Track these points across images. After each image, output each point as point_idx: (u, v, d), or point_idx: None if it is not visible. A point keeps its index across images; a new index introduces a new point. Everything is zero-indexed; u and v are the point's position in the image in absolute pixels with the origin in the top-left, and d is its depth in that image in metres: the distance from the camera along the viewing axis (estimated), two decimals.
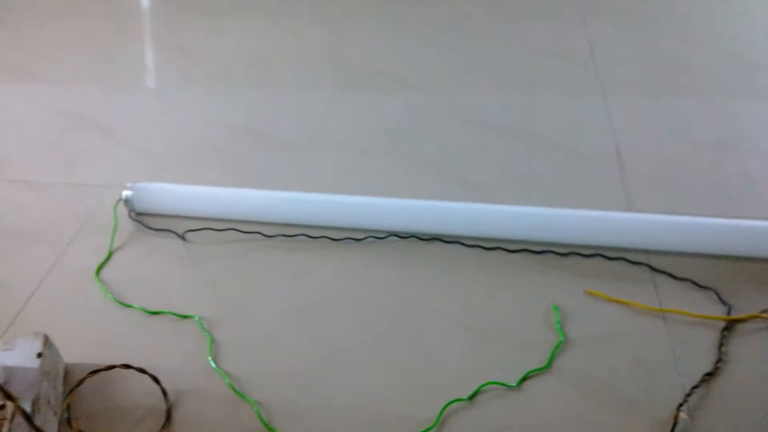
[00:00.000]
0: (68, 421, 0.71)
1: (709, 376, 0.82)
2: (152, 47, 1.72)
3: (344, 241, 1.06)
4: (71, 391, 0.76)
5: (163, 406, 0.80)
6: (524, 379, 0.83)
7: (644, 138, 1.27)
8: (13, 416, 0.69)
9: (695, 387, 0.80)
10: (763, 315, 0.90)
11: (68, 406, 0.73)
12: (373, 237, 1.06)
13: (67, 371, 0.84)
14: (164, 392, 0.81)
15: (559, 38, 1.63)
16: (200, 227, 1.07)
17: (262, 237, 1.06)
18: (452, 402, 0.80)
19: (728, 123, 1.31)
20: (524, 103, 1.39)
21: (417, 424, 0.78)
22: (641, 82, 1.45)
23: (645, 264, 0.99)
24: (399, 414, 0.79)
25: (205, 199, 1.10)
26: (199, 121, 1.37)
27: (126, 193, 1.09)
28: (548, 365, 0.85)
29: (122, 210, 1.10)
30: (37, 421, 0.69)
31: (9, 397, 0.65)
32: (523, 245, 1.03)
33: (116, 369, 0.81)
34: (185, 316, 0.92)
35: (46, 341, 0.80)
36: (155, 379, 0.81)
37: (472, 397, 0.81)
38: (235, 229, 1.07)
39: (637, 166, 1.20)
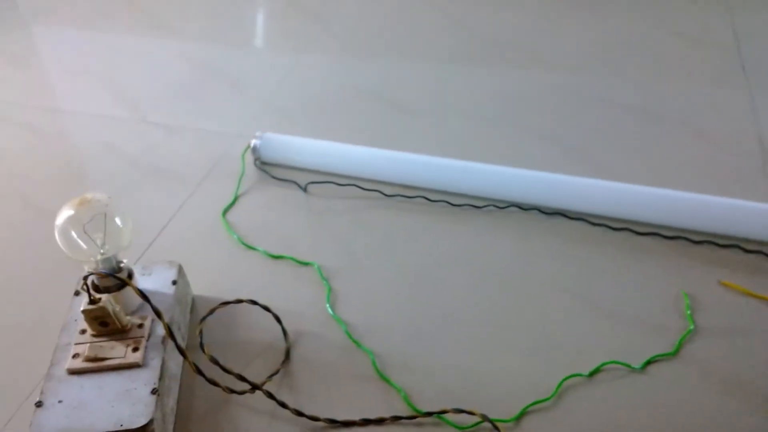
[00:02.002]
0: (201, 347, 0.74)
1: None
2: (282, 9, 1.76)
3: (463, 207, 1.04)
4: (204, 318, 0.80)
5: (282, 345, 0.82)
6: (649, 362, 0.79)
7: None
8: (149, 334, 0.73)
9: None
10: None
11: (201, 333, 0.77)
12: (493, 206, 1.04)
13: (194, 303, 0.88)
14: (285, 332, 0.83)
15: (702, 23, 1.53)
16: (322, 180, 1.09)
17: (382, 195, 1.07)
18: (571, 376, 0.78)
19: None
20: (661, 87, 1.32)
21: (533, 393, 0.76)
22: None
23: None
24: (514, 382, 0.78)
25: (328, 153, 1.11)
26: (325, 82, 1.39)
27: (254, 141, 1.12)
28: (675, 352, 0.80)
29: (249, 158, 1.14)
30: (168, 346, 0.72)
31: (159, 316, 0.68)
32: (653, 228, 0.98)
33: (243, 303, 0.84)
34: (305, 263, 0.95)
35: (180, 270, 0.84)
36: (277, 319, 0.84)
37: (592, 374, 0.78)
38: (356, 185, 1.08)
39: None
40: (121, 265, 0.75)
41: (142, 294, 0.68)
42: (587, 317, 0.86)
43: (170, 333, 0.67)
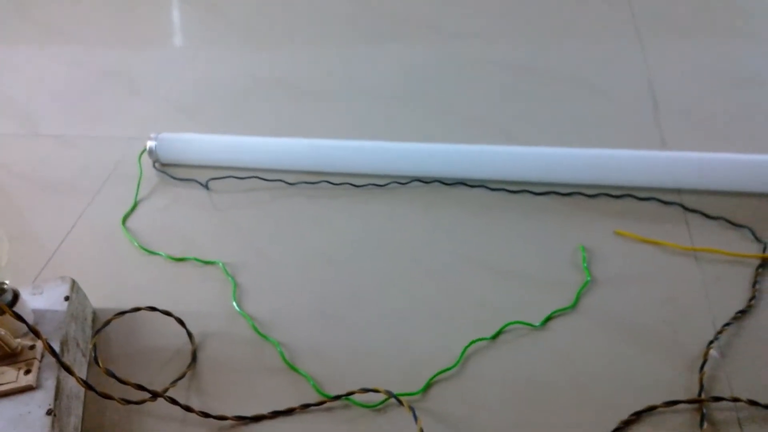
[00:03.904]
0: (95, 360, 0.72)
1: (742, 313, 0.79)
2: (177, 3, 1.71)
3: (367, 187, 1.05)
4: (98, 331, 0.78)
5: (188, 348, 0.81)
6: (549, 318, 0.82)
7: (679, 77, 1.22)
8: (42, 355, 0.71)
9: (727, 324, 0.78)
10: None
11: (95, 347, 0.75)
12: (396, 183, 1.05)
13: (96, 316, 0.86)
14: (189, 334, 0.82)
15: None
16: (223, 175, 1.07)
17: (285, 185, 1.06)
18: (474, 341, 0.79)
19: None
20: (557, 46, 1.34)
21: (439, 363, 0.78)
22: (677, 22, 1.38)
23: (677, 203, 0.96)
24: (421, 354, 0.79)
25: (227, 147, 1.09)
26: (224, 74, 1.36)
27: (150, 143, 1.09)
28: (574, 305, 0.83)
29: (147, 161, 1.11)
30: (66, 361, 0.70)
31: (37, 335, 0.66)
32: (550, 187, 1.01)
33: (143, 311, 0.82)
34: (209, 262, 0.93)
35: (74, 285, 0.81)
36: (180, 322, 0.83)
37: (495, 337, 0.80)
38: (258, 177, 1.07)
39: (671, 105, 1.15)
40: (4, 286, 0.72)
41: (17, 315, 0.65)
42: (489, 282, 0.88)
43: (51, 350, 0.65)
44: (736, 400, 0.69)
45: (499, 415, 0.72)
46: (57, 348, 0.71)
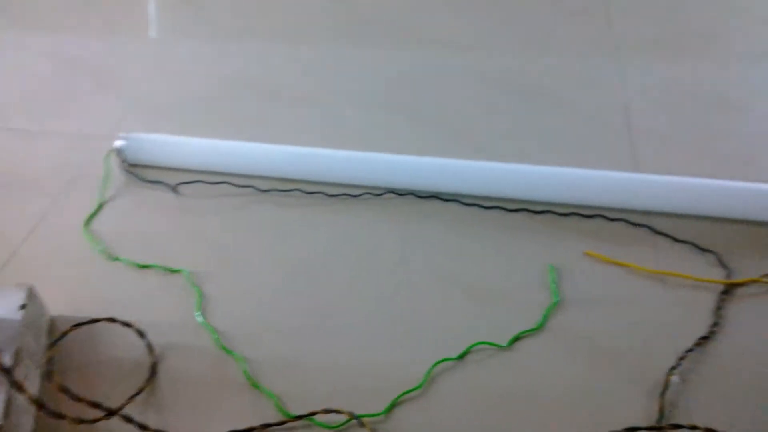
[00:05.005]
0: (49, 374, 0.70)
1: (705, 339, 0.80)
2: None
3: (340, 197, 1.03)
4: (53, 344, 0.75)
5: (148, 362, 0.79)
6: (516, 339, 0.82)
7: (655, 99, 1.22)
8: None
9: (689, 350, 0.78)
10: (764, 279, 0.88)
11: (50, 360, 0.73)
12: (369, 194, 1.04)
13: (53, 325, 0.83)
14: (150, 347, 0.80)
15: None
16: (193, 180, 1.05)
17: (256, 191, 1.04)
18: (441, 361, 0.79)
19: (744, 86, 1.26)
20: (536, 61, 1.34)
21: (405, 383, 0.77)
22: (656, 42, 1.39)
23: (646, 225, 0.96)
24: (387, 373, 0.78)
25: (198, 151, 1.07)
26: (198, 72, 1.33)
27: (118, 143, 1.07)
28: (541, 326, 0.83)
29: (115, 161, 1.08)
30: (19, 374, 0.68)
31: None
32: (523, 204, 1.01)
33: (102, 323, 0.80)
34: (174, 270, 0.91)
35: (30, 293, 0.79)
36: (141, 334, 0.81)
37: (461, 357, 0.80)
38: (229, 183, 1.05)
39: (646, 126, 1.15)
40: None
41: None
42: (458, 300, 0.87)
43: (2, 367, 0.63)
44: (694, 428, 0.70)
45: None
46: (10, 360, 0.69)
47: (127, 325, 0.80)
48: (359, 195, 1.03)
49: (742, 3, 1.50)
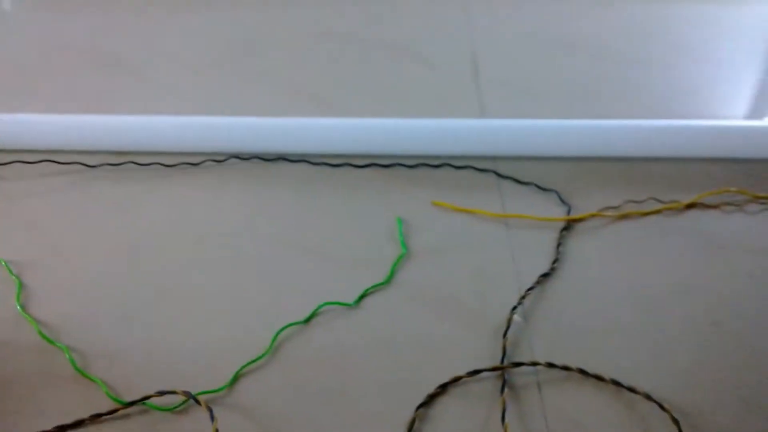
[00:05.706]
0: None
1: (545, 276, 0.82)
2: None
3: (179, 166, 0.97)
4: None
5: None
6: (363, 296, 0.80)
7: (502, 44, 1.24)
8: None
9: (530, 289, 0.80)
10: (602, 213, 0.91)
11: None
12: (211, 161, 0.98)
13: None
14: None
15: None
16: (9, 160, 0.95)
17: (84, 167, 0.96)
18: (286, 327, 0.76)
19: (590, 28, 1.29)
20: (379, 10, 1.31)
21: (250, 354, 0.73)
22: None
23: (492, 171, 0.97)
24: (231, 346, 0.74)
25: (10, 127, 0.97)
26: (25, 40, 1.20)
27: None
28: (388, 280, 0.82)
29: None
30: None
31: None
32: (371, 159, 0.99)
33: None
34: None
35: None
36: None
37: (308, 320, 0.77)
38: (51, 160, 0.95)
39: (492, 73, 1.17)
40: None
41: None
42: (305, 263, 0.84)
43: None
44: (535, 364, 0.71)
45: (313, 399, 0.70)
46: None
47: None
48: (200, 163, 0.98)
49: None
